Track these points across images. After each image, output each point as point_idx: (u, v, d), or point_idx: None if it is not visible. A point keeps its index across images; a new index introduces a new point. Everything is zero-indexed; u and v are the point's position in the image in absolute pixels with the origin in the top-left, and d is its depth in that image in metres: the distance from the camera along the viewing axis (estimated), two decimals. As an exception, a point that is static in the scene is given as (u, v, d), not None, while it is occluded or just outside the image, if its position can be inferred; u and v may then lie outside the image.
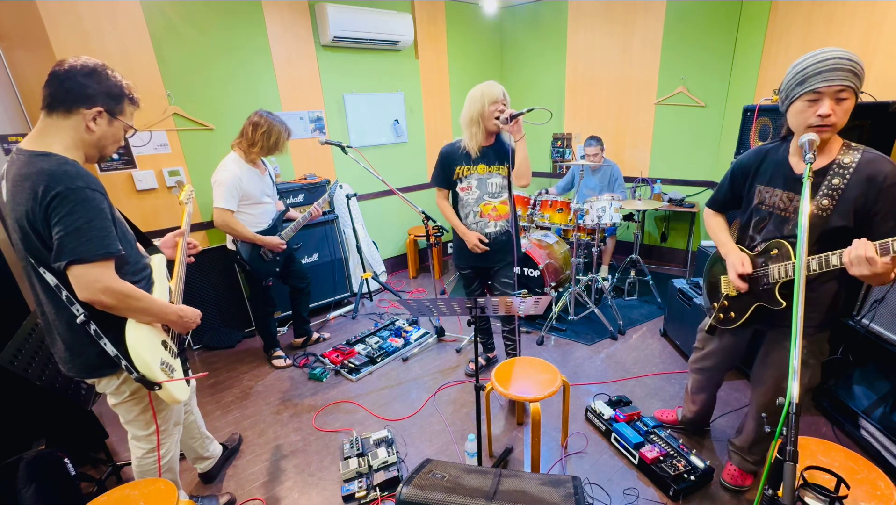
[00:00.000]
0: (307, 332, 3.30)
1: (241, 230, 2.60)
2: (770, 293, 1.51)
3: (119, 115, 1.38)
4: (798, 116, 1.33)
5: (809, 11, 3.06)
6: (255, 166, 2.66)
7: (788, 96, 1.35)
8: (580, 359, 3.02)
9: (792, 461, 0.88)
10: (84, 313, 1.30)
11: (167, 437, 1.63)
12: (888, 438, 1.95)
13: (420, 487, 1.39)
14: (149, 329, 1.41)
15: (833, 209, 1.35)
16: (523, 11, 4.91)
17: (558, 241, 3.75)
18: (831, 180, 1.36)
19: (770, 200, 1.53)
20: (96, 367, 1.39)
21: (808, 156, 1.19)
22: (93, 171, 2.85)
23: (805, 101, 1.30)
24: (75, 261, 1.22)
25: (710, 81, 3.98)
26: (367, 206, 4.37)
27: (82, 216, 1.22)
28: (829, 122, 1.27)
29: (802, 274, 1.02)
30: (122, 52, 2.81)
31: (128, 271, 1.39)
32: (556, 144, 5.07)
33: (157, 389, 1.37)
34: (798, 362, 0.95)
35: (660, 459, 1.99)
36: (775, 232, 1.53)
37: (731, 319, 1.71)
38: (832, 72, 1.23)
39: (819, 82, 1.25)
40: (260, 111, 2.58)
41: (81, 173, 1.25)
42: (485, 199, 2.36)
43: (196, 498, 1.97)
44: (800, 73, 1.30)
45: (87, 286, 1.25)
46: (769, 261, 1.51)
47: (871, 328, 2.08)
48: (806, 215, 1.10)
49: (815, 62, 1.26)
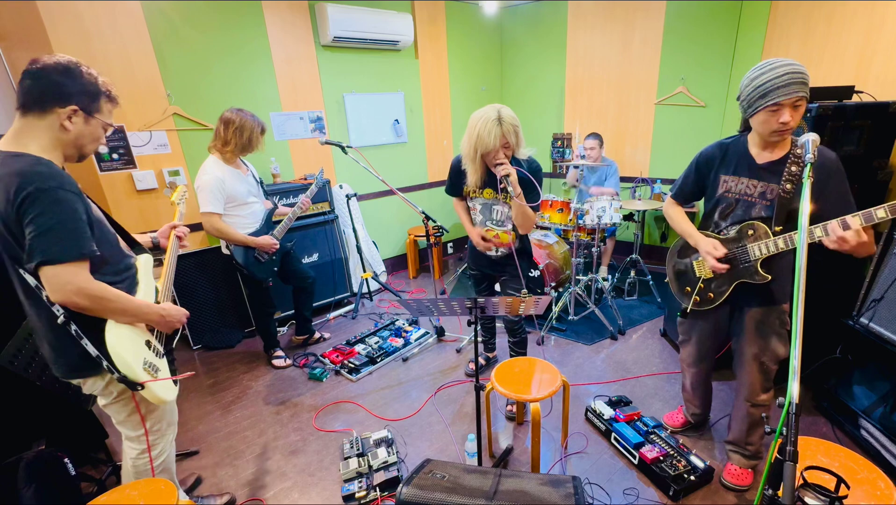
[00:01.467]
0: (309, 330, 3.30)
1: (231, 233, 2.57)
2: (752, 270, 1.66)
3: (96, 114, 1.33)
4: (762, 125, 1.53)
5: (809, 11, 3.06)
6: (236, 167, 2.62)
7: (751, 106, 1.52)
8: (580, 359, 3.02)
9: (792, 461, 0.88)
10: (64, 314, 1.29)
11: (160, 437, 1.61)
12: (888, 438, 1.95)
13: (420, 487, 1.39)
14: (130, 329, 1.40)
15: (794, 192, 1.55)
16: (523, 11, 4.91)
17: (558, 241, 3.75)
18: (790, 168, 1.55)
19: (736, 188, 1.70)
20: (79, 367, 1.38)
21: (808, 155, 1.20)
22: (93, 172, 2.87)
23: (768, 112, 1.48)
24: (46, 262, 1.20)
25: (710, 81, 3.98)
26: (367, 206, 4.37)
27: (54, 217, 1.20)
28: (788, 127, 1.47)
29: (803, 274, 1.02)
30: (122, 52, 2.81)
31: (108, 272, 1.38)
32: (556, 144, 5.07)
33: (139, 390, 1.36)
34: (798, 362, 0.95)
35: (660, 459, 2.00)
36: (743, 216, 1.69)
37: (710, 299, 1.82)
38: (789, 86, 1.40)
39: (780, 96, 1.42)
40: (231, 108, 2.54)
41: (55, 173, 1.22)
42: (488, 224, 2.30)
43: (196, 498, 1.97)
44: (760, 87, 1.46)
45: (58, 288, 1.23)
46: (747, 240, 1.66)
47: (870, 328, 2.08)
48: (806, 215, 1.10)
49: (773, 78, 1.42)
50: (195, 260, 3.27)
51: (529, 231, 2.27)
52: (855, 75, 2.74)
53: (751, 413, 1.85)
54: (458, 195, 2.38)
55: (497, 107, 2.02)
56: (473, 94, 5.05)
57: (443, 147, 4.92)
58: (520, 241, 2.32)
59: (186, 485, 2.06)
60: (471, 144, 2.04)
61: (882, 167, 2.31)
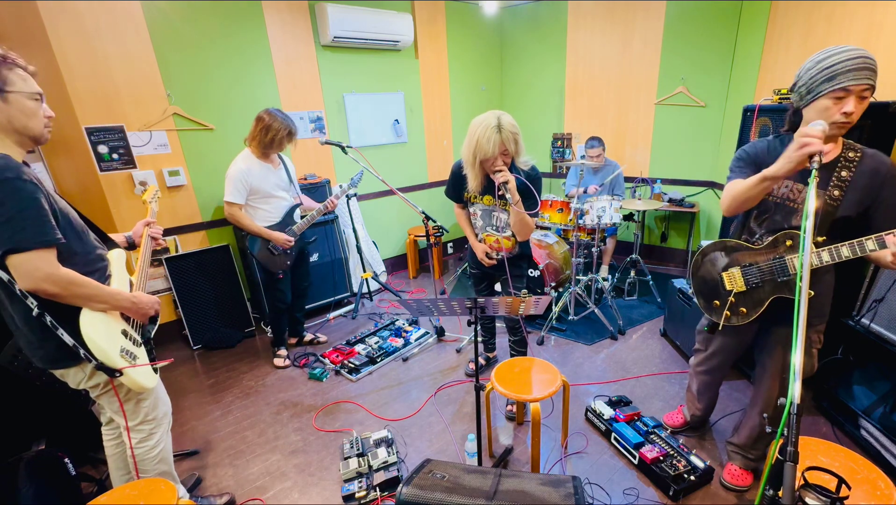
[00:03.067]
0: (299, 333, 3.31)
1: (246, 223, 2.65)
2: (791, 284, 1.51)
3: (8, 87, 1.23)
4: (823, 113, 1.33)
5: (809, 11, 3.06)
6: (268, 161, 2.70)
7: (812, 91, 1.34)
8: (580, 359, 3.02)
9: (793, 462, 0.88)
10: (38, 305, 1.30)
11: (157, 426, 1.65)
12: (888, 438, 1.95)
13: (420, 487, 1.39)
14: (104, 317, 1.41)
15: (842, 200, 1.41)
16: (523, 11, 4.91)
17: (558, 242, 3.75)
18: (840, 172, 1.41)
19: (778, 192, 1.54)
20: (57, 358, 1.40)
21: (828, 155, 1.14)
22: (93, 172, 2.87)
23: (832, 98, 1.30)
24: (11, 250, 1.21)
25: (710, 81, 3.98)
26: (367, 206, 4.37)
27: (14, 206, 1.20)
28: (850, 120, 1.31)
29: (806, 273, 1.02)
30: (122, 52, 2.81)
31: (78, 262, 1.38)
32: (556, 144, 5.07)
33: (118, 376, 1.39)
34: (800, 363, 0.95)
35: (660, 459, 1.99)
36: (782, 223, 1.54)
37: (743, 314, 1.67)
38: (861, 70, 1.25)
39: (850, 80, 1.26)
40: (268, 108, 2.62)
41: (10, 165, 1.22)
42: (488, 230, 2.30)
43: (196, 498, 1.97)
44: (827, 69, 1.29)
45: (27, 275, 1.24)
46: (786, 252, 1.51)
47: (871, 328, 2.07)
48: (811, 218, 1.08)
49: (844, 59, 1.26)
50: (195, 260, 3.28)
51: (527, 238, 2.27)
52: (855, 75, 2.74)
53: (763, 424, 1.80)
54: (460, 200, 2.37)
55: (497, 113, 1.99)
56: (473, 94, 5.05)
57: (443, 147, 4.92)
58: (519, 247, 2.32)
59: (187, 485, 2.06)
60: (470, 150, 2.04)
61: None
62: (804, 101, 1.39)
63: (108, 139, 2.89)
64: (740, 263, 1.65)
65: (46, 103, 1.37)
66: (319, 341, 3.35)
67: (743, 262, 1.64)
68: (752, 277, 1.61)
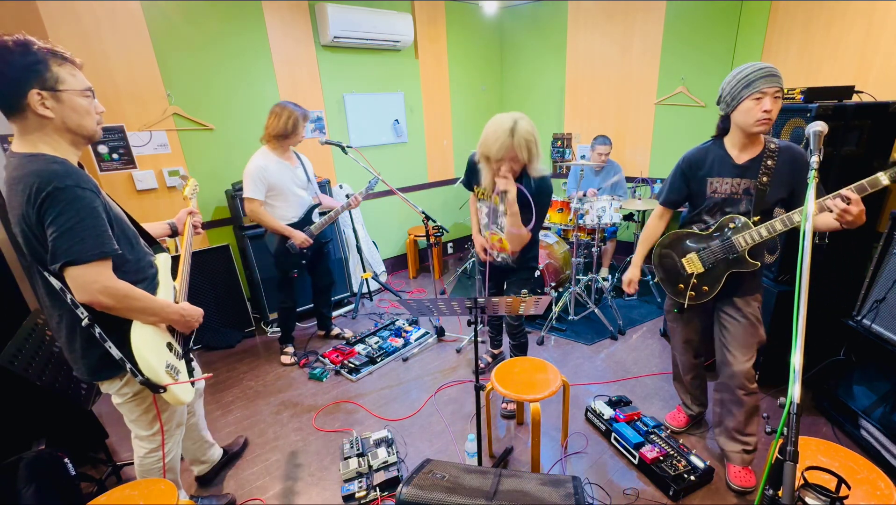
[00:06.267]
0: (327, 326, 3.38)
1: (267, 220, 2.65)
2: (741, 260, 1.75)
3: (59, 86, 1.21)
4: (747, 113, 1.62)
5: (809, 11, 3.06)
6: (286, 158, 2.70)
7: (736, 98, 1.64)
8: (580, 359, 3.02)
9: (792, 461, 0.88)
10: (88, 316, 1.28)
11: (168, 437, 1.62)
12: (888, 438, 1.95)
13: (420, 487, 1.39)
14: (153, 330, 1.40)
15: (769, 185, 1.69)
16: (523, 11, 4.91)
17: (558, 242, 3.75)
18: (766, 162, 1.69)
19: (722, 189, 1.80)
20: (99, 369, 1.38)
21: (813, 159, 1.19)
22: (93, 172, 2.87)
23: (752, 101, 1.59)
24: (70, 262, 1.19)
25: (711, 81, 3.98)
26: (367, 206, 4.37)
27: (74, 216, 1.18)
28: (770, 116, 1.58)
29: (806, 273, 1.02)
30: (122, 52, 2.81)
31: (128, 270, 1.37)
32: (556, 144, 5.07)
33: (162, 393, 1.36)
34: (800, 362, 0.95)
35: (660, 459, 1.99)
36: (731, 213, 1.80)
37: (705, 292, 1.88)
38: (771, 77, 1.57)
39: (764, 84, 1.57)
40: (279, 101, 2.63)
41: (70, 172, 1.20)
42: (492, 228, 2.28)
43: (196, 498, 1.97)
44: (744, 78, 1.60)
45: (84, 287, 1.22)
46: (732, 233, 1.76)
47: (872, 329, 2.07)
48: (810, 218, 1.09)
49: (757, 69, 1.58)
50: (195, 260, 3.27)
51: (517, 249, 2.22)
52: (855, 75, 2.74)
53: (745, 401, 1.86)
54: (471, 188, 2.37)
55: (517, 116, 1.91)
56: (473, 95, 5.04)
57: (443, 147, 4.92)
58: (522, 255, 2.28)
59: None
60: (481, 147, 2.01)
61: (882, 167, 2.30)
62: (730, 107, 1.67)
63: (108, 139, 2.89)
64: (696, 248, 1.88)
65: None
66: (345, 336, 3.38)
67: (698, 246, 1.87)
68: (707, 258, 1.83)
